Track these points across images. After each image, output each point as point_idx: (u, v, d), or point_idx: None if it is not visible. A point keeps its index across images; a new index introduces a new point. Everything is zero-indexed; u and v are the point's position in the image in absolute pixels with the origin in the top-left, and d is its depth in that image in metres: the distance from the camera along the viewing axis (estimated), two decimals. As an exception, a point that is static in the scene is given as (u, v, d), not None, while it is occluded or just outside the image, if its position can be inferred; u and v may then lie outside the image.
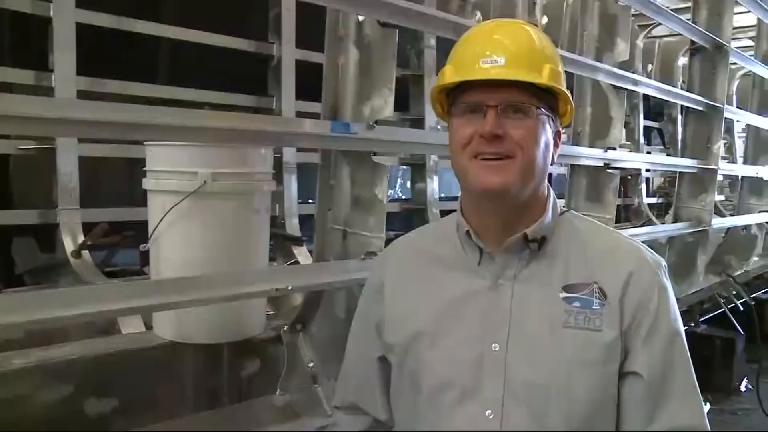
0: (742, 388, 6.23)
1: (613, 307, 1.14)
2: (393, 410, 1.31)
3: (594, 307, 1.14)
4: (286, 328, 2.18)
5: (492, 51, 1.13)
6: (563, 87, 1.18)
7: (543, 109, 1.15)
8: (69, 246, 2.86)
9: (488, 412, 1.13)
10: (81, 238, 2.89)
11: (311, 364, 2.13)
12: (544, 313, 1.15)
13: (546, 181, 1.22)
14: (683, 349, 1.17)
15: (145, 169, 2.15)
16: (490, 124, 1.10)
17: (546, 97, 1.16)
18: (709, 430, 1.17)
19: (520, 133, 1.11)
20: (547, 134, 1.16)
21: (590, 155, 2.97)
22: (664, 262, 1.22)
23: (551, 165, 1.20)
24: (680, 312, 1.22)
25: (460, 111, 1.16)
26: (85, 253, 2.86)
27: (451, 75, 1.17)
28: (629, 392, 1.14)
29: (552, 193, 1.24)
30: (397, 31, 1.95)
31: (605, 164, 3.06)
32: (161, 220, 2.04)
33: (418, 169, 4.49)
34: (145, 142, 2.15)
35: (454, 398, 1.16)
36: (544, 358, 1.13)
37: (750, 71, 5.02)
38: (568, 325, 1.13)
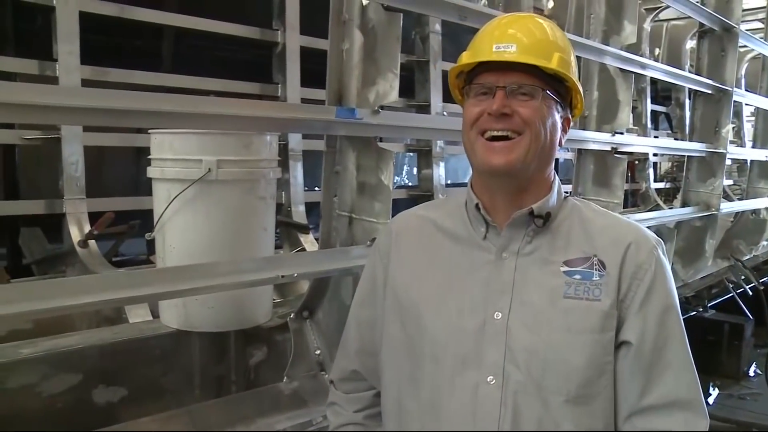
0: (751, 373, 6.24)
1: (612, 276, 1.19)
2: (389, 378, 1.30)
3: (594, 278, 1.19)
4: (292, 315, 2.18)
5: (507, 40, 1.21)
6: (572, 76, 1.23)
7: (549, 92, 1.21)
8: (75, 236, 2.87)
9: (490, 377, 1.17)
10: (87, 228, 2.89)
11: (318, 352, 2.14)
12: (546, 284, 1.20)
13: (552, 165, 1.28)
14: (678, 323, 1.21)
15: (149, 157, 2.14)
16: (498, 102, 1.18)
17: (555, 84, 1.22)
18: (704, 403, 1.20)
19: (526, 111, 1.18)
20: (554, 116, 1.22)
21: (598, 139, 2.95)
22: (663, 243, 1.26)
23: (559, 147, 1.25)
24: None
25: (473, 93, 1.23)
26: (92, 243, 2.87)
27: (467, 58, 1.26)
28: (623, 363, 1.18)
29: (557, 178, 1.30)
30: (401, 14, 1.92)
31: (613, 148, 3.03)
32: (166, 209, 2.04)
33: (424, 156, 4.48)
34: (149, 131, 2.14)
35: (455, 365, 1.20)
36: (544, 325, 1.17)
37: (760, 54, 4.97)
38: (568, 296, 1.18)
